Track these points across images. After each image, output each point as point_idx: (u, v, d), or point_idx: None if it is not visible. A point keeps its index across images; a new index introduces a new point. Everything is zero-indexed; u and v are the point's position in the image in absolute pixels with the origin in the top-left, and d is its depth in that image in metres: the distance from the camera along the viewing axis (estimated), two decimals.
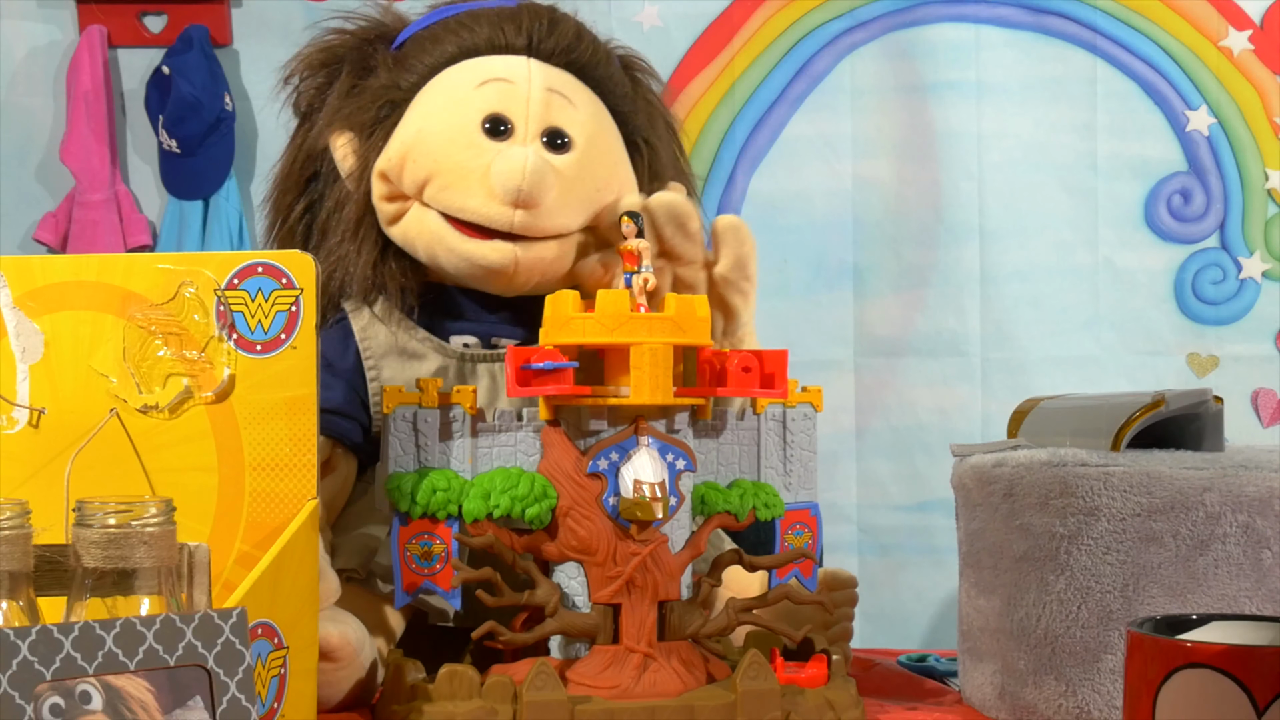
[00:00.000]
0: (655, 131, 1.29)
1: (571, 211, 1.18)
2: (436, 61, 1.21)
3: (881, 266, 1.68)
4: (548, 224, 1.17)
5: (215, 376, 0.93)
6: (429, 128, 1.18)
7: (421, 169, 1.17)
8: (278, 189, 1.27)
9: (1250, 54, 1.66)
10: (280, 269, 0.93)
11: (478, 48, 1.21)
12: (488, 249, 1.17)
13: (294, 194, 1.26)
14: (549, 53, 1.21)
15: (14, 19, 1.73)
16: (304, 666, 0.91)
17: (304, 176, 1.26)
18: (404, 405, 1.05)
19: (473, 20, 1.22)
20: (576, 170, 1.18)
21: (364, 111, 1.21)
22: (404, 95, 1.21)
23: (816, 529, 1.12)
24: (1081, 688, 1.01)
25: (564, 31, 1.22)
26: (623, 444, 1.01)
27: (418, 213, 1.18)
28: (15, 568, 0.75)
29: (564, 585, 1.04)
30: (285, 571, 0.89)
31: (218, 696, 0.71)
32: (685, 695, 0.99)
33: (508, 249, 1.17)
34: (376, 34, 1.26)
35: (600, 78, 1.24)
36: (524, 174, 1.13)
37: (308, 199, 1.25)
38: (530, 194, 1.14)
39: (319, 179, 1.25)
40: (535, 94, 1.19)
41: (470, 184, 1.16)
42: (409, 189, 1.18)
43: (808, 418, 1.12)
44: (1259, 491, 1.00)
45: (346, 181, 1.22)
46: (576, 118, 1.20)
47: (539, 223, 1.16)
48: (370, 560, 1.14)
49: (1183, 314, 1.67)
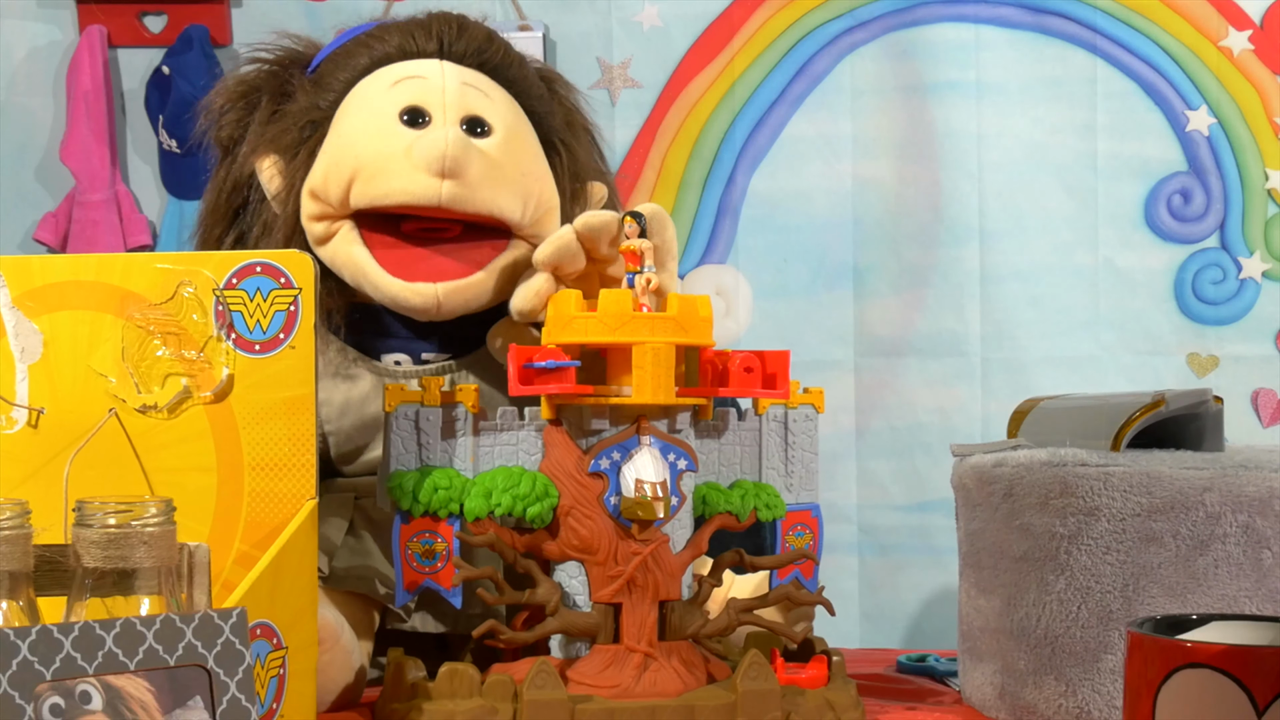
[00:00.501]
0: (573, 134, 1.28)
1: (500, 191, 1.16)
2: (352, 76, 1.20)
3: (881, 266, 1.68)
4: (478, 197, 1.14)
5: (214, 376, 0.93)
6: (347, 130, 1.17)
7: (344, 171, 1.16)
8: (205, 223, 1.25)
9: (1250, 54, 1.66)
10: (279, 268, 0.93)
11: (390, 56, 1.20)
12: (410, 292, 1.15)
13: (222, 226, 1.24)
14: (460, 55, 1.21)
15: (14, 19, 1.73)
16: (303, 667, 0.91)
17: (232, 208, 1.24)
18: (406, 404, 1.05)
19: (383, 32, 1.22)
20: (501, 152, 1.17)
21: (287, 133, 1.20)
22: (324, 114, 1.20)
23: (818, 530, 1.12)
24: (1081, 688, 1.01)
25: (474, 35, 1.22)
26: (624, 443, 1.01)
27: (346, 238, 1.17)
28: (15, 568, 0.75)
29: (565, 584, 1.04)
30: (284, 572, 0.89)
31: (218, 696, 0.71)
32: (685, 695, 0.99)
33: (429, 292, 1.15)
34: (291, 60, 1.25)
35: (513, 78, 1.23)
36: (447, 142, 1.12)
37: (237, 230, 1.24)
38: (456, 160, 1.12)
39: (247, 209, 1.24)
40: (450, 85, 1.18)
41: (393, 166, 1.14)
42: (336, 199, 1.16)
43: (809, 419, 1.12)
44: (1259, 491, 1.00)
45: (273, 203, 1.20)
46: (494, 108, 1.19)
47: (469, 194, 1.14)
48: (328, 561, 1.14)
49: (1183, 314, 1.67)
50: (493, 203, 1.15)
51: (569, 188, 1.23)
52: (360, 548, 1.16)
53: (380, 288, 1.16)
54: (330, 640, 1.02)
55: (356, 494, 1.19)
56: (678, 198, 1.70)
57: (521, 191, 1.17)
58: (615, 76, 1.71)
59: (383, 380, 1.19)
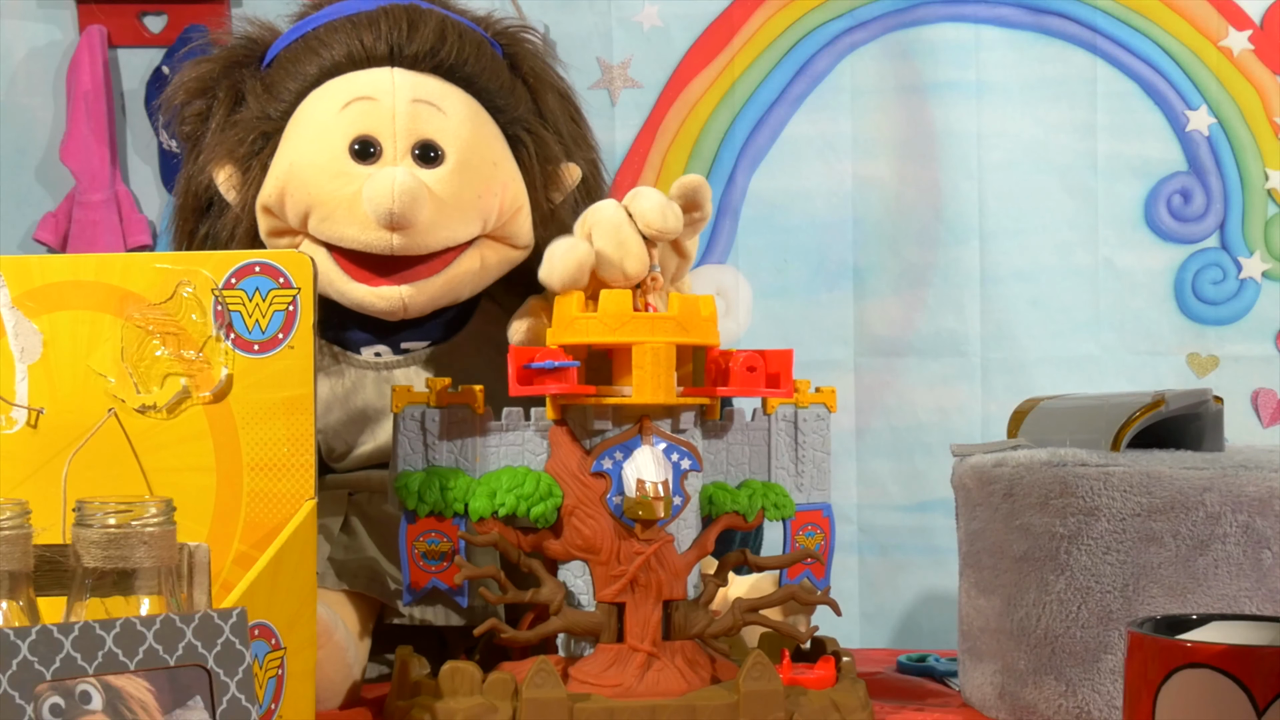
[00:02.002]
0: (544, 112, 1.25)
1: (454, 224, 1.15)
2: (301, 86, 1.18)
3: (881, 266, 1.68)
4: (429, 240, 1.14)
5: (213, 376, 0.93)
6: (299, 159, 1.16)
7: (300, 203, 1.15)
8: (178, 218, 1.25)
9: (1250, 54, 1.66)
10: (277, 268, 0.93)
11: (339, 65, 1.17)
12: (375, 296, 1.15)
13: (193, 222, 1.24)
14: (412, 58, 1.17)
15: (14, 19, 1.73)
16: (302, 667, 0.91)
17: (198, 207, 1.24)
18: (412, 404, 1.05)
19: (330, 35, 1.18)
20: (453, 182, 1.15)
21: (240, 145, 1.19)
22: (275, 125, 1.18)
23: (829, 530, 1.12)
24: (1081, 688, 1.01)
25: (426, 34, 1.18)
26: (627, 443, 1.01)
27: (308, 249, 1.16)
28: (15, 568, 0.75)
29: (569, 584, 1.04)
30: (283, 572, 0.89)
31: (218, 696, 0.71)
32: (688, 695, 0.99)
33: (394, 295, 1.15)
34: (246, 54, 1.23)
35: (470, 75, 1.20)
36: (393, 196, 1.10)
37: (207, 226, 1.23)
38: (402, 214, 1.11)
39: (213, 209, 1.23)
40: (401, 108, 1.16)
41: (347, 213, 1.14)
42: (293, 223, 1.16)
43: (820, 418, 1.12)
44: (1259, 491, 1.00)
45: (236, 210, 1.20)
46: (447, 126, 1.17)
47: (419, 240, 1.14)
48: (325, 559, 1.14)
49: (1183, 314, 1.67)
50: (448, 238, 1.15)
51: (539, 176, 1.22)
52: (355, 544, 1.16)
53: (346, 293, 1.16)
54: (323, 636, 1.02)
55: (350, 490, 1.19)
56: None
57: (478, 213, 1.16)
58: (615, 76, 1.71)
59: (365, 373, 1.19)
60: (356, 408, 1.19)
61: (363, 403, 1.18)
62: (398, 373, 1.20)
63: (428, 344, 1.21)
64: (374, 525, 1.18)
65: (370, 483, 1.20)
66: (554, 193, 1.23)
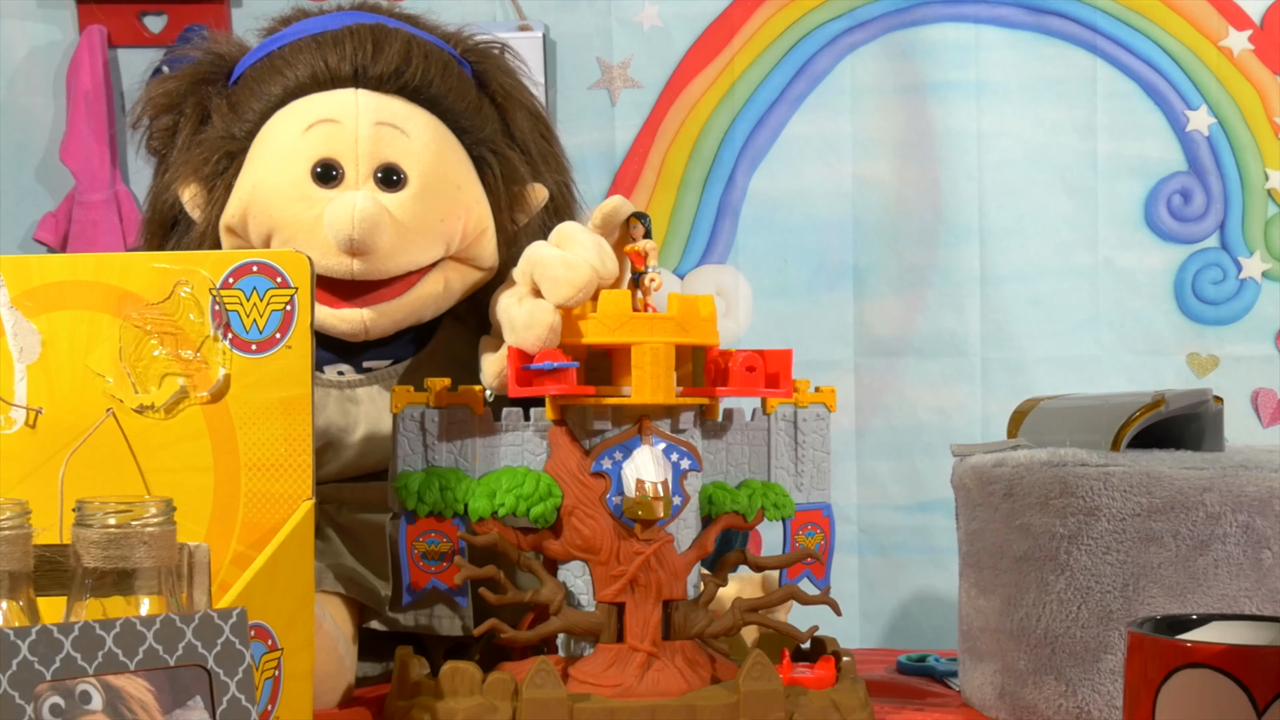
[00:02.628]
0: (514, 130, 1.24)
1: (415, 248, 1.15)
2: (265, 106, 1.18)
3: (881, 266, 1.68)
4: (390, 265, 1.14)
5: (210, 376, 0.93)
6: (262, 181, 1.16)
7: (262, 225, 1.15)
8: (145, 232, 1.25)
9: (1250, 54, 1.66)
10: (275, 268, 0.93)
11: (303, 85, 1.17)
12: (336, 319, 1.15)
13: (160, 238, 1.24)
14: (377, 80, 1.17)
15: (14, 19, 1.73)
16: (299, 668, 0.90)
17: (165, 224, 1.23)
18: (412, 405, 1.05)
19: (295, 55, 1.18)
20: (415, 207, 1.15)
21: (205, 164, 1.19)
22: (239, 145, 1.18)
23: (829, 530, 1.12)
24: (1081, 688, 1.01)
25: (390, 55, 1.17)
26: (626, 443, 1.01)
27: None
28: (15, 568, 0.75)
29: (569, 584, 1.04)
30: (279, 573, 0.88)
31: (218, 696, 0.71)
32: (688, 695, 0.99)
33: (356, 317, 1.15)
34: (211, 73, 1.22)
35: (435, 96, 1.19)
36: (353, 223, 1.10)
37: (173, 241, 1.23)
38: (362, 240, 1.11)
39: (179, 226, 1.23)
40: (364, 131, 1.15)
41: (308, 237, 1.13)
42: (256, 244, 1.16)
43: (820, 418, 1.12)
44: (1259, 491, 1.00)
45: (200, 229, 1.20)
46: (410, 149, 1.16)
47: (380, 266, 1.13)
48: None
49: (1183, 314, 1.67)
50: (409, 262, 1.15)
51: (505, 197, 1.21)
52: (330, 549, 1.16)
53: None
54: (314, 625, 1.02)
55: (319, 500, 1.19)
56: (678, 198, 1.70)
57: (441, 237, 1.16)
58: (615, 76, 1.71)
59: (328, 392, 1.19)
60: (319, 427, 1.18)
61: (325, 422, 1.18)
62: (360, 391, 1.19)
63: (390, 362, 1.21)
64: (347, 534, 1.18)
65: (340, 494, 1.19)
66: (519, 214, 1.22)
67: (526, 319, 1.02)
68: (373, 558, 1.16)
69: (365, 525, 1.17)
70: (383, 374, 1.20)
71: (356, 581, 1.14)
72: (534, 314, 1.02)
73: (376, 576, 1.15)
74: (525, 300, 1.03)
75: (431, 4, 1.29)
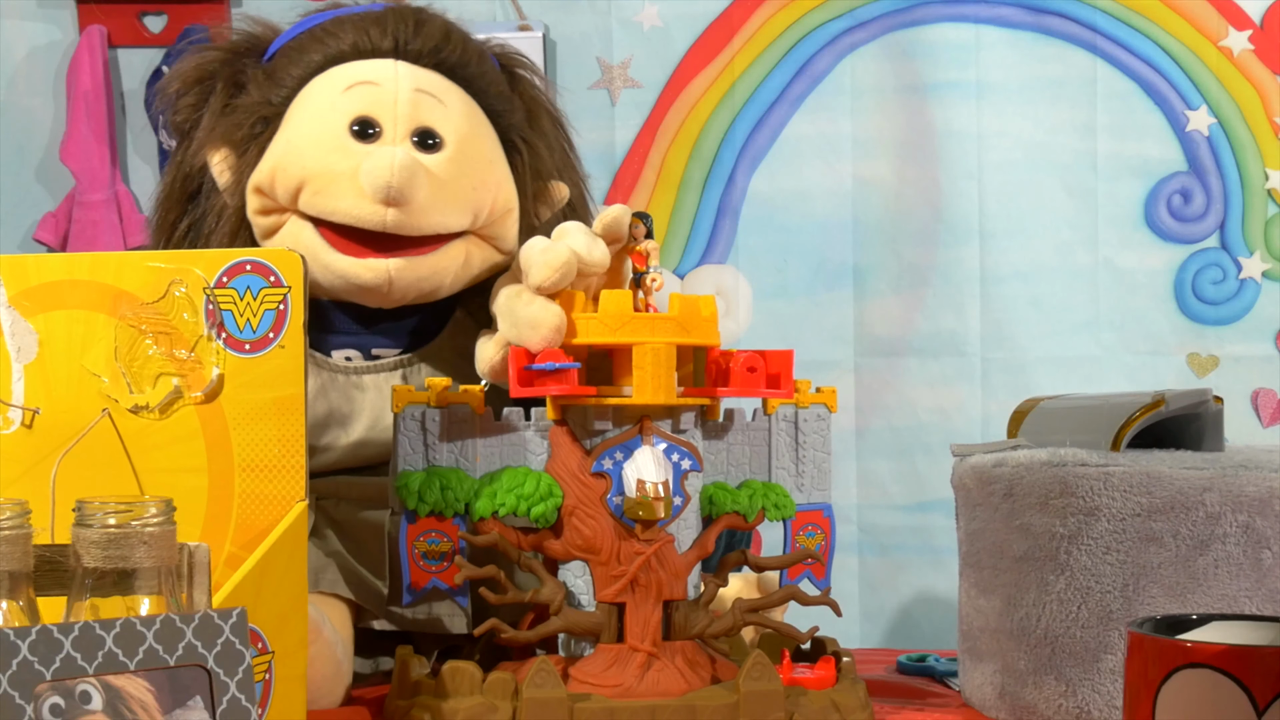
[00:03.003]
0: (537, 129, 1.26)
1: (448, 210, 1.15)
2: (304, 73, 1.19)
3: (881, 266, 1.68)
4: (423, 222, 1.14)
5: (204, 376, 0.93)
6: (297, 136, 1.16)
7: (292, 177, 1.15)
8: (160, 208, 1.25)
9: (1250, 54, 1.66)
10: (268, 267, 0.92)
11: (344, 54, 1.19)
12: (361, 267, 1.15)
13: (176, 212, 1.24)
14: (416, 54, 1.19)
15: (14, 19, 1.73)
16: (291, 671, 0.89)
17: (186, 193, 1.23)
18: (413, 404, 1.05)
19: (337, 27, 1.20)
20: (450, 169, 1.16)
21: (238, 128, 1.19)
22: (276, 110, 1.19)
23: (830, 530, 1.12)
24: (1081, 688, 1.01)
25: (431, 32, 1.19)
26: (627, 444, 1.01)
27: (293, 227, 1.16)
28: (15, 568, 0.75)
29: (570, 584, 1.04)
30: (270, 574, 0.88)
31: (218, 696, 0.71)
32: (688, 695, 0.99)
33: (381, 267, 1.15)
34: (247, 47, 1.24)
35: (471, 76, 1.21)
36: (392, 170, 1.10)
37: (190, 217, 1.23)
38: (400, 190, 1.11)
39: (200, 196, 1.23)
40: (403, 95, 1.16)
41: (340, 186, 1.13)
42: (283, 199, 1.16)
43: (821, 419, 1.12)
44: (1259, 491, 1.00)
45: (224, 196, 1.20)
46: (447, 117, 1.18)
47: (413, 220, 1.13)
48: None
49: (1183, 314, 1.67)
50: (440, 223, 1.15)
51: (530, 187, 1.22)
52: (326, 548, 1.16)
53: (330, 266, 1.15)
54: (313, 633, 1.02)
55: (317, 495, 1.18)
56: (678, 198, 1.70)
57: (471, 205, 1.16)
58: (615, 76, 1.71)
59: (334, 376, 1.19)
60: (321, 412, 1.18)
61: (329, 406, 1.18)
62: (366, 379, 1.19)
63: (399, 351, 1.21)
64: (344, 531, 1.18)
65: (338, 489, 1.19)
66: (542, 208, 1.23)
67: (530, 319, 1.02)
68: (370, 557, 1.16)
69: (363, 524, 1.17)
70: (390, 363, 1.20)
71: (356, 582, 1.14)
72: (540, 313, 1.02)
73: (374, 576, 1.15)
74: (528, 297, 1.03)
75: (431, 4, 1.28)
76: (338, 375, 1.19)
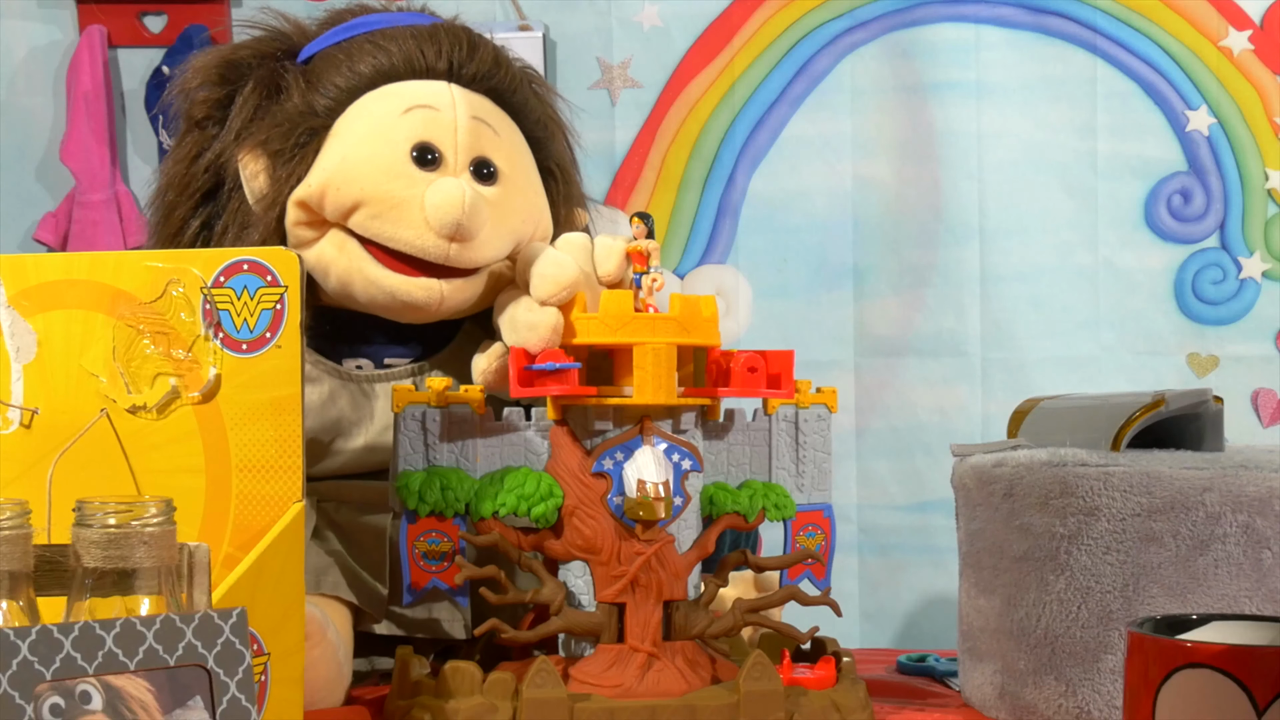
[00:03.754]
0: (566, 156, 1.26)
1: (500, 243, 1.15)
2: (354, 85, 1.17)
3: (881, 266, 1.68)
4: (478, 256, 1.14)
5: (201, 376, 0.92)
6: (354, 155, 1.15)
7: (347, 196, 1.14)
8: (165, 194, 1.22)
9: (1250, 54, 1.66)
10: (265, 266, 0.92)
11: (396, 70, 1.17)
12: (414, 286, 1.14)
13: (186, 207, 1.21)
14: (470, 78, 1.18)
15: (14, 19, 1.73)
16: (288, 673, 0.89)
17: (202, 189, 1.20)
18: (413, 404, 1.05)
19: (387, 40, 1.18)
20: (503, 200, 1.16)
21: (281, 137, 1.17)
22: (322, 121, 1.17)
23: (830, 530, 1.12)
24: (1081, 688, 1.01)
25: (484, 57, 1.19)
26: (627, 444, 1.01)
27: (336, 238, 1.15)
28: (15, 568, 0.75)
29: (570, 584, 1.04)
30: (266, 575, 0.87)
31: (218, 696, 0.71)
32: (688, 695, 0.99)
33: (435, 287, 1.14)
34: (281, 48, 1.21)
35: (517, 104, 1.21)
36: (463, 208, 1.10)
37: (204, 214, 1.21)
38: (468, 228, 1.11)
39: (220, 196, 1.20)
40: (462, 122, 1.16)
41: (403, 214, 1.12)
42: (331, 215, 1.15)
43: (821, 419, 1.12)
44: (1259, 491, 1.00)
45: (255, 205, 1.17)
46: (501, 147, 1.18)
47: (471, 255, 1.13)
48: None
49: (1183, 314, 1.67)
50: (494, 255, 1.15)
51: (562, 214, 1.23)
52: (327, 550, 1.16)
53: (378, 282, 1.14)
54: (316, 635, 1.02)
55: (319, 497, 1.18)
56: (678, 198, 1.70)
57: (516, 235, 1.16)
58: (615, 76, 1.71)
59: (344, 384, 1.18)
60: (331, 418, 1.18)
61: (337, 413, 1.18)
62: (378, 387, 1.19)
63: (410, 360, 1.20)
64: (345, 534, 1.17)
65: (340, 492, 1.19)
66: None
67: (529, 321, 1.02)
68: (371, 561, 1.16)
69: (364, 528, 1.17)
70: (402, 371, 1.20)
71: (357, 585, 1.14)
72: (537, 314, 1.02)
73: (374, 579, 1.15)
74: (529, 303, 1.03)
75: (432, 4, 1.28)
76: (348, 383, 1.19)
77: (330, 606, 1.11)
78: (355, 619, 1.14)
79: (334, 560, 1.15)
